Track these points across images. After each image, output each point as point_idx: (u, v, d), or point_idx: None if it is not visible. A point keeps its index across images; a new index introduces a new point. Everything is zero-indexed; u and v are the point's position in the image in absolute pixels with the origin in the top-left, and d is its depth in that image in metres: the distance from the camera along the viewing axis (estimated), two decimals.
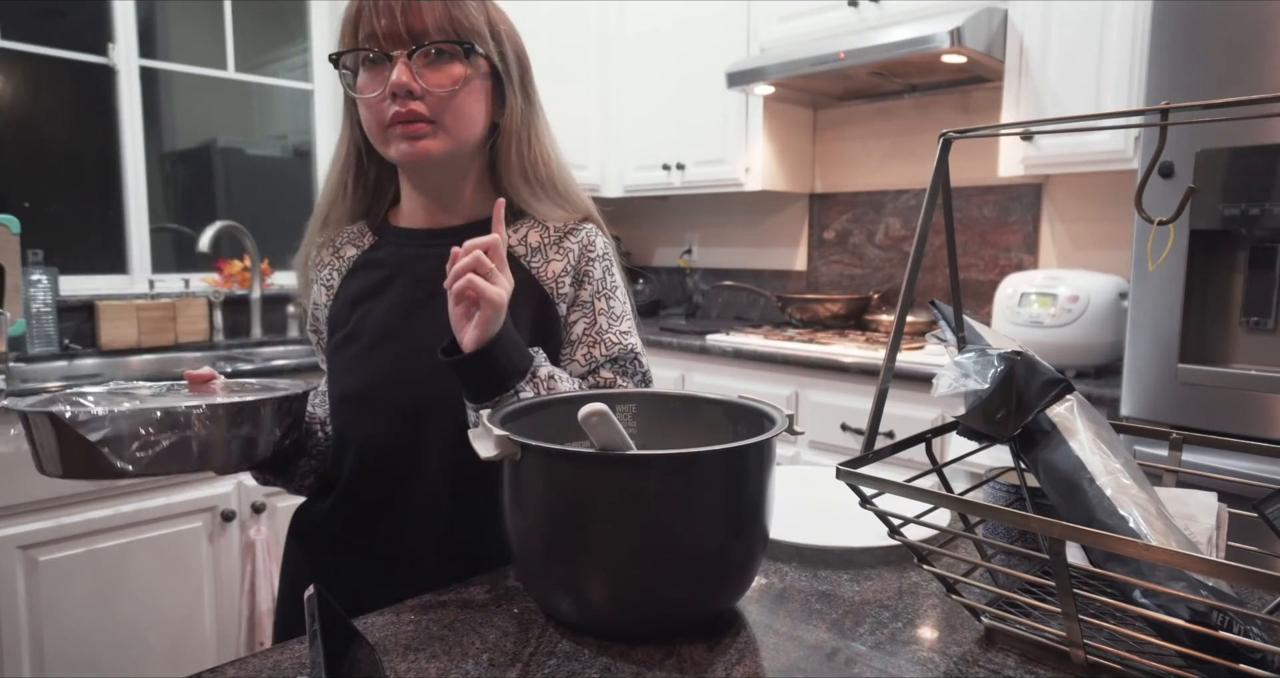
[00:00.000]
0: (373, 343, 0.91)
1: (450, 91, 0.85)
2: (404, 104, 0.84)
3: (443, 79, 0.85)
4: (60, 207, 2.45)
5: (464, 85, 0.86)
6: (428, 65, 0.85)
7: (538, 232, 0.94)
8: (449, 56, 0.86)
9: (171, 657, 1.95)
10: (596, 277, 0.94)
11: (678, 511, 0.62)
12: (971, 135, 0.66)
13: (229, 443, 0.72)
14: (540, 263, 0.92)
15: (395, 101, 0.84)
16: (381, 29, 0.85)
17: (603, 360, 0.93)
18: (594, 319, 0.93)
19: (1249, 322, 1.52)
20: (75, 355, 2.26)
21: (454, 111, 0.87)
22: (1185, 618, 0.52)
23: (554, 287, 0.92)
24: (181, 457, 0.68)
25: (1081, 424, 0.65)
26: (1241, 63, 1.46)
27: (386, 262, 0.94)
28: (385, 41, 0.85)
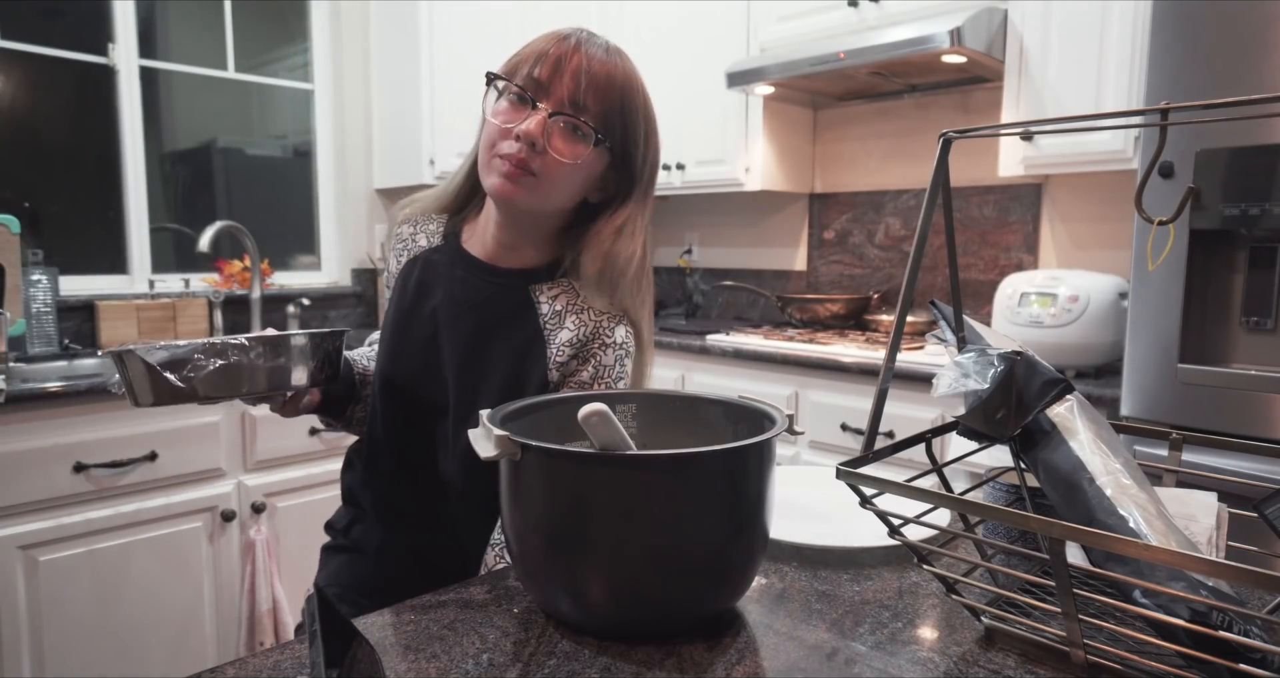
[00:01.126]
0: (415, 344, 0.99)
1: (566, 164, 0.90)
2: (521, 150, 0.88)
3: (566, 150, 0.90)
4: (60, 207, 2.45)
5: (580, 165, 0.91)
6: (563, 132, 0.90)
7: (568, 296, 0.97)
8: (583, 135, 0.90)
9: (171, 657, 1.95)
10: (605, 363, 0.96)
11: (678, 511, 0.62)
12: (971, 135, 0.66)
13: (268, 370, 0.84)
14: (554, 327, 0.96)
15: (517, 142, 0.88)
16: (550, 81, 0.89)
17: None
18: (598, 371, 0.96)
19: (1249, 322, 1.52)
20: (75, 355, 2.26)
21: (556, 180, 0.91)
22: (1185, 618, 0.52)
23: (554, 353, 0.95)
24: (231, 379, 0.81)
25: (1081, 424, 0.65)
26: (1241, 63, 1.46)
27: (439, 270, 1.00)
28: (544, 92, 0.89)
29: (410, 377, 0.98)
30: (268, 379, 0.84)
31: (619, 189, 0.97)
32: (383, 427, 0.99)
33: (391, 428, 0.99)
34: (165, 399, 0.81)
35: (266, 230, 2.82)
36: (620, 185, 0.97)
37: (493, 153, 0.90)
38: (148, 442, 1.90)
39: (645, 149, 0.96)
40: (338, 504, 1.10)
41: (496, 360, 0.95)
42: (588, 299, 0.96)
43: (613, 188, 0.97)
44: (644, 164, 0.96)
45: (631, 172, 0.96)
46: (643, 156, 0.96)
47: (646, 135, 0.95)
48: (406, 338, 0.99)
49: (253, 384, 0.83)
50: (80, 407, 1.81)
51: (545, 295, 0.97)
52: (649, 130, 0.95)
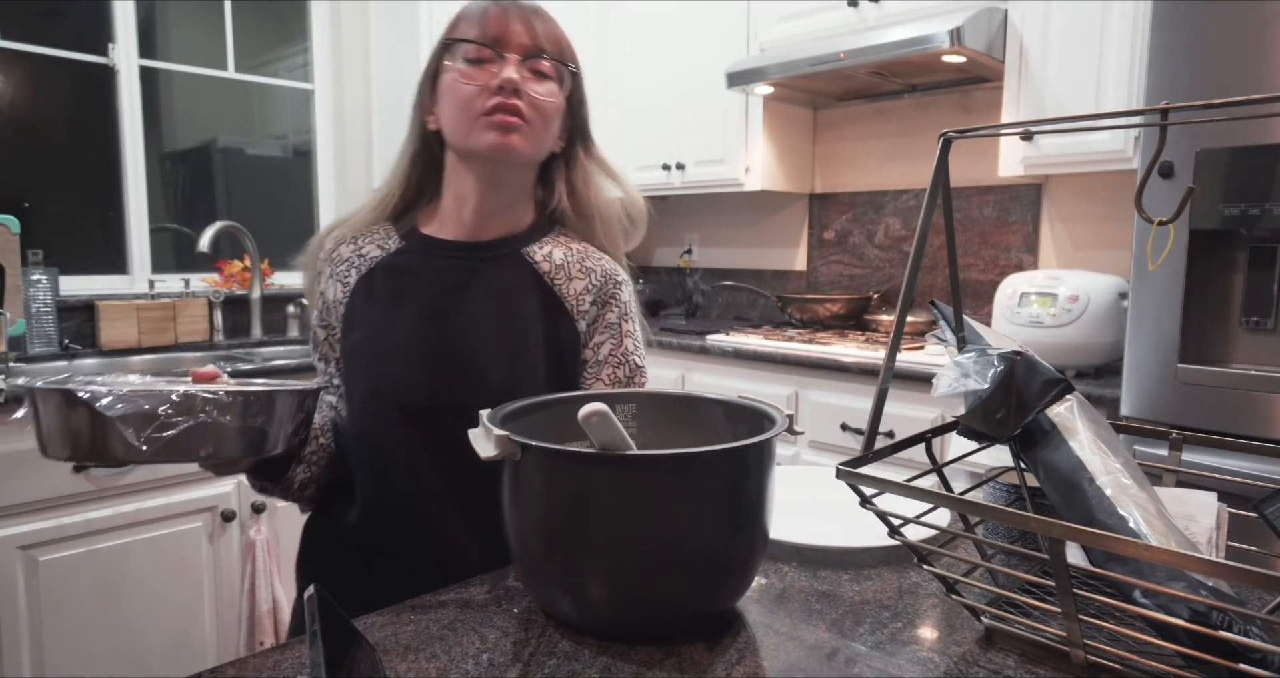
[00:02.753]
0: (400, 347, 0.93)
1: (550, 103, 0.92)
2: (508, 97, 0.89)
3: (544, 91, 0.92)
4: (60, 207, 2.45)
5: (556, 105, 0.93)
6: (531, 77, 0.91)
7: (562, 250, 0.98)
8: (548, 77, 0.93)
9: (171, 657, 1.95)
10: (624, 300, 0.99)
11: (678, 510, 0.62)
12: (971, 135, 0.66)
13: (243, 432, 0.71)
14: (563, 279, 0.96)
15: (498, 94, 0.89)
16: (504, 32, 0.91)
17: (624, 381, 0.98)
18: (620, 341, 0.98)
19: (1249, 322, 1.52)
20: (75, 355, 2.26)
21: (544, 121, 0.92)
22: (1185, 618, 0.52)
23: (575, 304, 0.96)
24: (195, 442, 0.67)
25: (1081, 424, 0.65)
26: (1241, 63, 1.46)
27: (414, 268, 0.96)
28: (504, 43, 0.90)
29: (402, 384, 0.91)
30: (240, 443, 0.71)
31: (571, 135, 0.99)
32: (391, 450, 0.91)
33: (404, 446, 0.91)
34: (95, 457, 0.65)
35: (266, 230, 2.82)
36: (572, 131, 0.99)
37: (474, 113, 0.89)
38: None
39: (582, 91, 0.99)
40: None
41: (525, 329, 0.93)
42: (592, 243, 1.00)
43: (565, 134, 0.99)
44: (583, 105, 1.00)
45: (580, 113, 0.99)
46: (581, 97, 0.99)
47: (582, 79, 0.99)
48: (387, 347, 0.93)
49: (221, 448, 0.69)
50: None
51: (539, 254, 0.97)
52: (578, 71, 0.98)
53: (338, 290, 0.98)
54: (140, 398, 0.65)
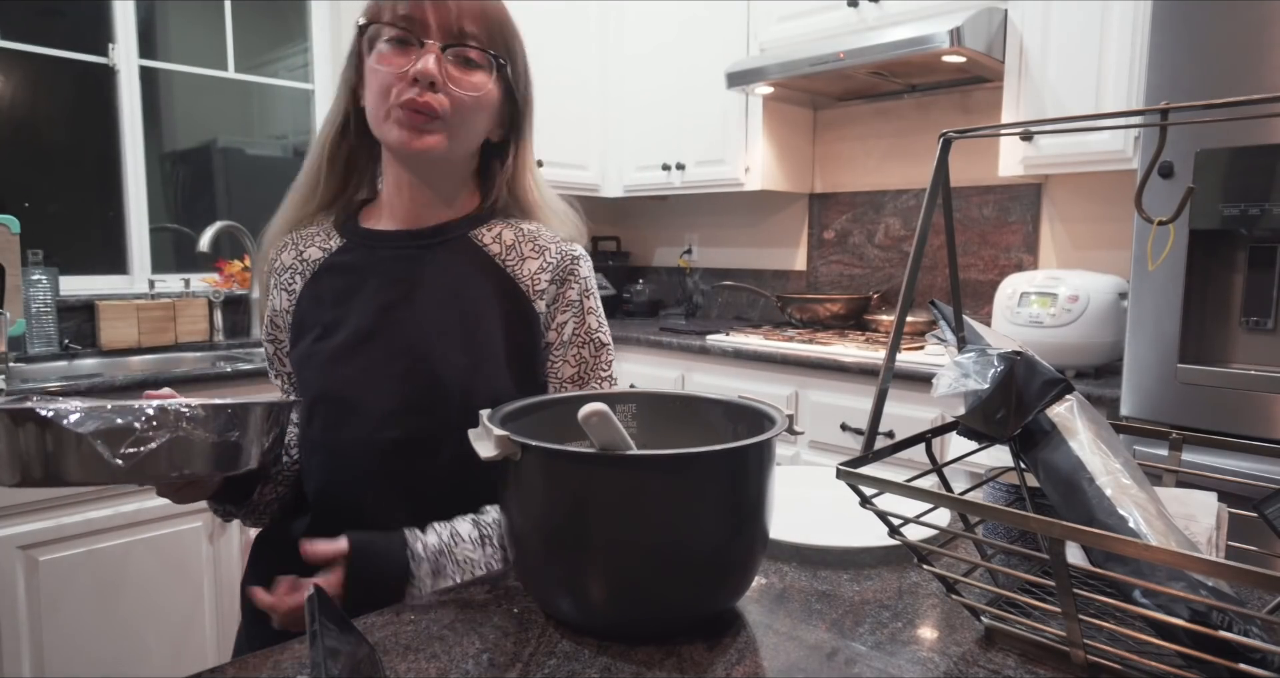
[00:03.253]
0: (351, 345, 0.88)
1: (471, 98, 0.85)
2: (422, 93, 0.82)
3: (468, 83, 0.85)
4: (60, 207, 2.45)
5: (485, 95, 0.86)
6: (456, 65, 0.84)
7: (511, 231, 0.93)
8: (478, 65, 0.86)
9: (171, 657, 1.95)
10: (583, 275, 0.94)
11: (678, 511, 0.62)
12: (971, 135, 0.66)
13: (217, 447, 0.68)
14: (515, 260, 0.91)
15: (414, 87, 0.82)
16: (426, 14, 0.83)
17: (590, 361, 0.94)
18: (583, 319, 0.93)
19: (1249, 322, 1.52)
20: (75, 355, 2.26)
21: (465, 118, 0.85)
22: (1185, 618, 0.52)
23: (530, 284, 0.91)
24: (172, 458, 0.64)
25: (1081, 424, 0.65)
26: (1241, 63, 1.46)
27: (358, 264, 0.91)
28: (425, 28, 0.83)
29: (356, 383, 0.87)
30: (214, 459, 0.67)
31: (513, 121, 0.93)
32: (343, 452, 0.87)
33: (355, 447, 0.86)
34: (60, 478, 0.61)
35: None
36: (514, 117, 0.92)
37: (388, 104, 0.83)
38: None
39: (527, 71, 0.92)
40: None
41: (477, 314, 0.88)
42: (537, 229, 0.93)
43: (508, 121, 0.92)
44: (529, 87, 0.93)
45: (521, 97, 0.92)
46: (526, 79, 0.92)
47: (522, 52, 0.91)
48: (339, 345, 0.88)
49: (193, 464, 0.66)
50: None
51: (488, 236, 0.92)
52: (523, 50, 0.91)
53: (283, 299, 0.94)
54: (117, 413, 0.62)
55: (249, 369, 2.05)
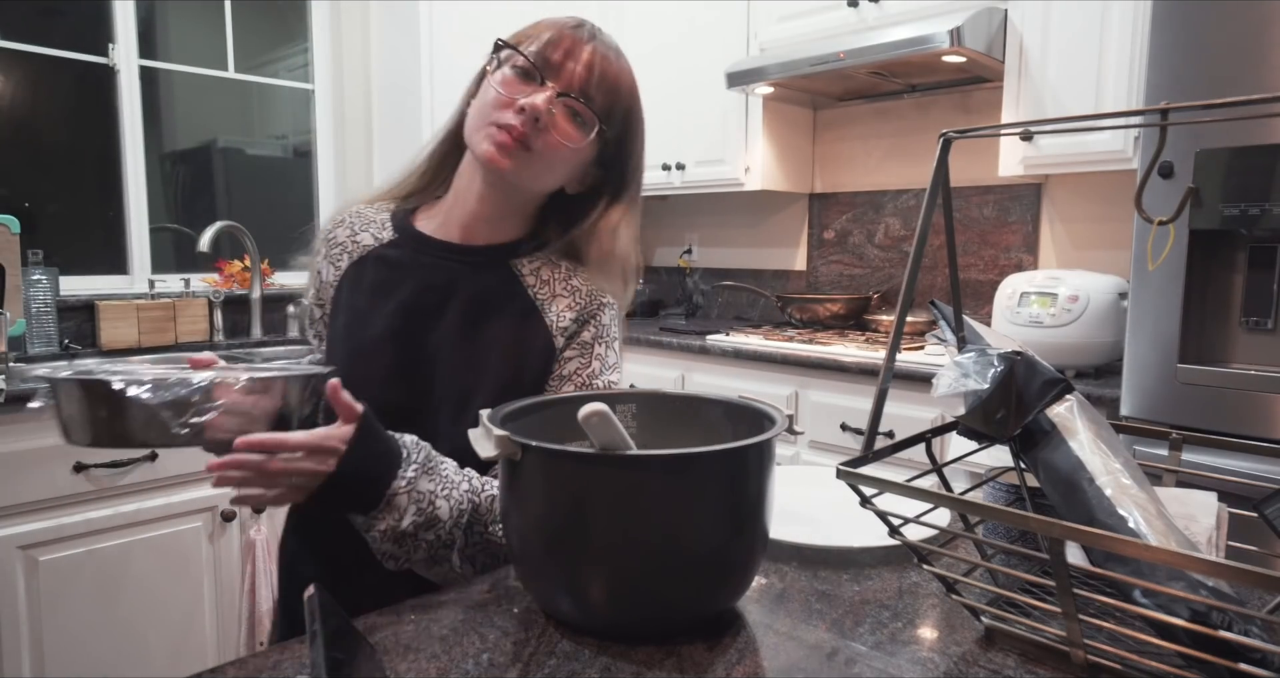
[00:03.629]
0: (377, 341, 0.92)
1: (562, 145, 0.89)
2: (521, 122, 0.86)
3: (567, 132, 0.89)
4: (60, 207, 2.45)
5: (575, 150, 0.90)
6: (563, 114, 0.89)
7: (550, 269, 0.97)
8: (584, 122, 0.90)
9: (171, 657, 1.95)
10: (603, 322, 0.97)
11: (678, 511, 0.62)
12: (971, 135, 0.66)
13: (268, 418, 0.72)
14: (548, 296, 0.95)
15: (519, 115, 0.86)
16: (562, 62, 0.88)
17: None
18: (589, 362, 0.96)
19: (1249, 322, 1.52)
20: (75, 355, 2.26)
21: (551, 160, 0.90)
22: (1185, 618, 0.52)
23: (555, 319, 0.94)
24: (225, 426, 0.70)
25: (1081, 424, 0.65)
26: (1241, 63, 1.46)
27: (402, 262, 0.95)
28: (554, 71, 0.88)
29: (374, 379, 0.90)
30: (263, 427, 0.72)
31: (602, 185, 0.97)
32: None
33: None
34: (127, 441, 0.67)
35: (266, 230, 2.82)
36: (605, 182, 0.97)
37: (490, 120, 0.87)
38: None
39: (638, 156, 0.98)
40: None
41: (493, 338, 0.92)
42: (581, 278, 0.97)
43: (590, 182, 0.97)
44: (635, 169, 0.98)
45: (623, 172, 0.97)
46: (635, 163, 0.97)
47: (641, 143, 0.97)
48: (365, 338, 0.92)
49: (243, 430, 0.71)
50: None
51: (527, 268, 0.96)
52: (642, 139, 0.97)
53: (330, 272, 0.98)
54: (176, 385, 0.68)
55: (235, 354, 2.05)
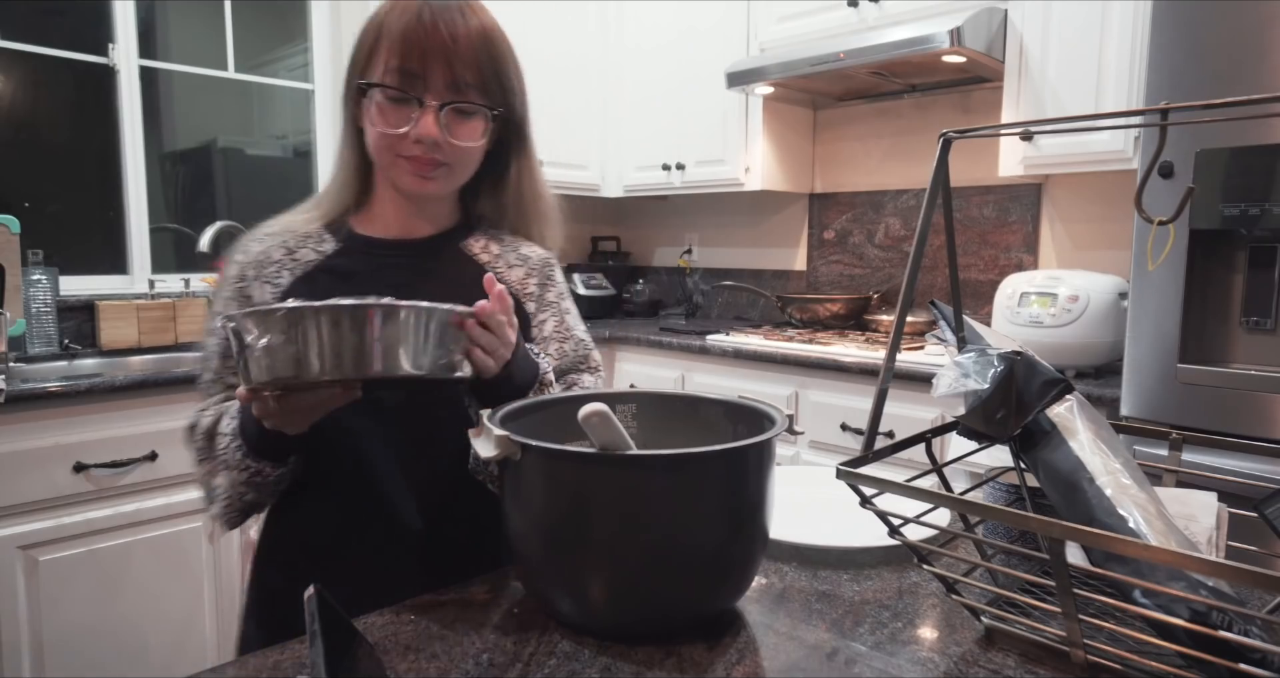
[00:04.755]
0: None
1: (470, 145, 0.90)
2: (426, 152, 0.87)
3: (467, 133, 0.89)
4: (60, 207, 2.45)
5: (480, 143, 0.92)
6: (454, 116, 0.88)
7: (496, 243, 1.01)
8: (475, 113, 0.89)
9: (171, 657, 1.95)
10: (559, 280, 1.04)
11: (678, 511, 0.62)
12: (971, 135, 0.66)
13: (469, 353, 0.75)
14: (504, 267, 1.00)
15: (417, 145, 0.86)
16: (425, 69, 0.86)
17: (571, 355, 1.02)
18: (561, 318, 1.02)
19: (1249, 322, 1.52)
20: (75, 355, 2.26)
21: (465, 159, 0.92)
22: (1185, 618, 0.52)
23: (520, 289, 0.99)
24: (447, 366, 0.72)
25: (1081, 424, 0.65)
26: (1241, 63, 1.46)
27: (358, 270, 0.94)
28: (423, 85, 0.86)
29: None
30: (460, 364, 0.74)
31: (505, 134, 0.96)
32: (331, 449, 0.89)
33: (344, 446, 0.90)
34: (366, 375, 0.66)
35: None
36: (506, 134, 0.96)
37: (394, 155, 0.88)
38: (148, 442, 1.90)
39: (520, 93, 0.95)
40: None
41: None
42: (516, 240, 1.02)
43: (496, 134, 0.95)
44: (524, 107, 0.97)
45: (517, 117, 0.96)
46: (521, 102, 0.96)
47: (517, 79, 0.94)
48: None
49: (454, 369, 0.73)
50: (80, 407, 1.81)
51: (476, 247, 1.00)
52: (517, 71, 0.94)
53: (265, 291, 0.93)
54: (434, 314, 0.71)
55: None
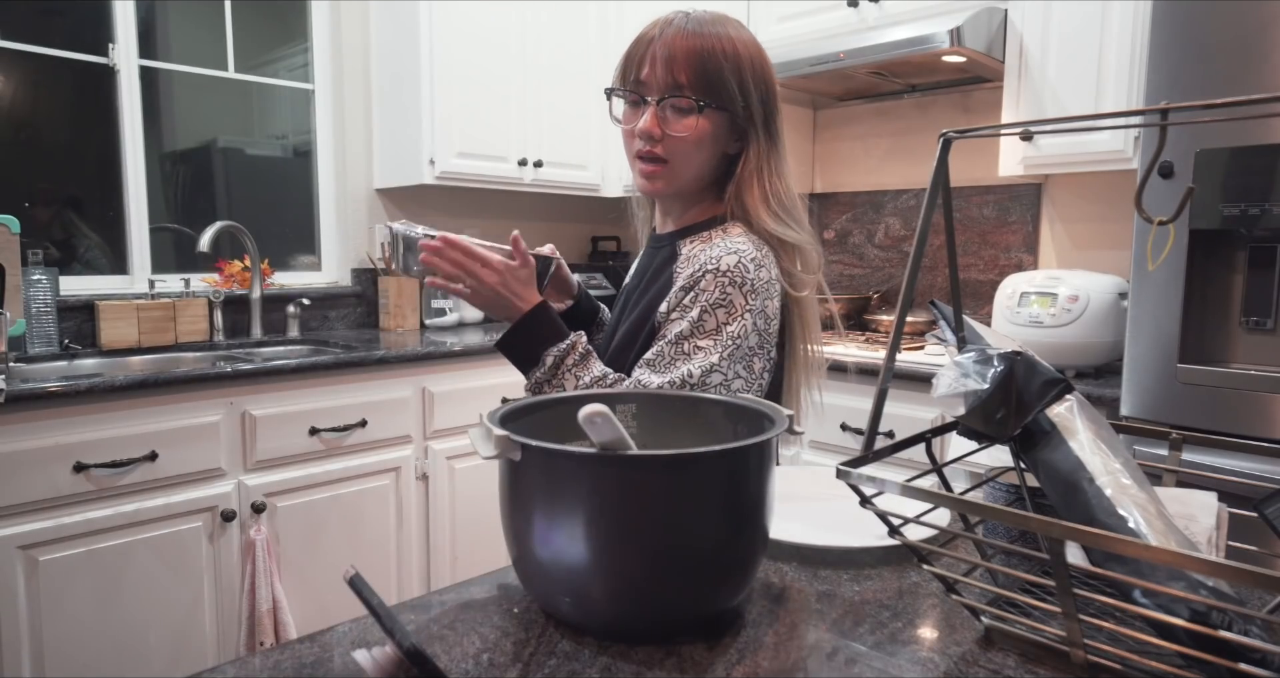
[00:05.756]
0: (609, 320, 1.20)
1: (685, 139, 1.02)
2: (646, 146, 1.03)
3: (681, 128, 1.02)
4: (60, 207, 2.45)
5: (697, 134, 1.02)
6: (674, 111, 1.02)
7: (704, 245, 1.06)
8: (687, 108, 1.02)
9: (171, 657, 1.95)
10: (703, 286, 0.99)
11: (678, 510, 0.62)
12: (971, 135, 0.66)
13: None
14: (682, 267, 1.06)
15: (641, 140, 1.03)
16: (645, 76, 1.03)
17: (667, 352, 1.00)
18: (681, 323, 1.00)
19: (1249, 322, 1.52)
20: (75, 355, 2.26)
21: (684, 156, 1.04)
22: (1185, 618, 0.52)
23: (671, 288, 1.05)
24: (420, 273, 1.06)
25: (1081, 424, 0.65)
26: (1241, 63, 1.46)
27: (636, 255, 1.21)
28: (648, 87, 1.03)
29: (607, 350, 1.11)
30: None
31: (746, 135, 1.07)
32: None
33: None
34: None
35: (266, 230, 2.82)
36: (747, 134, 1.06)
37: (630, 153, 1.06)
38: (148, 442, 1.90)
39: (746, 95, 1.04)
40: (337, 504, 1.10)
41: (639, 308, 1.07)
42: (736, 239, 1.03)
43: (741, 134, 1.07)
44: (752, 107, 1.05)
45: (748, 117, 1.05)
46: (745, 103, 1.04)
47: (742, 84, 1.03)
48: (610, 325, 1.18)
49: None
50: (80, 407, 1.81)
51: (686, 248, 1.07)
52: (742, 78, 1.03)
53: None
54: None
55: (249, 369, 2.06)
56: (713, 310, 0.98)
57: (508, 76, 2.84)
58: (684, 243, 1.08)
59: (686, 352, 0.98)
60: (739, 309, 0.98)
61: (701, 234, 1.08)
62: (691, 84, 1.00)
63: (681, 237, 1.09)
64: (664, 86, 1.01)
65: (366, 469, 2.25)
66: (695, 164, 1.05)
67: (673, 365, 0.97)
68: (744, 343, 0.98)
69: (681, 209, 1.11)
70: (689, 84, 1.00)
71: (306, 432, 2.15)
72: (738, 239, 1.02)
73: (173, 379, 1.93)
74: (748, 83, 1.04)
